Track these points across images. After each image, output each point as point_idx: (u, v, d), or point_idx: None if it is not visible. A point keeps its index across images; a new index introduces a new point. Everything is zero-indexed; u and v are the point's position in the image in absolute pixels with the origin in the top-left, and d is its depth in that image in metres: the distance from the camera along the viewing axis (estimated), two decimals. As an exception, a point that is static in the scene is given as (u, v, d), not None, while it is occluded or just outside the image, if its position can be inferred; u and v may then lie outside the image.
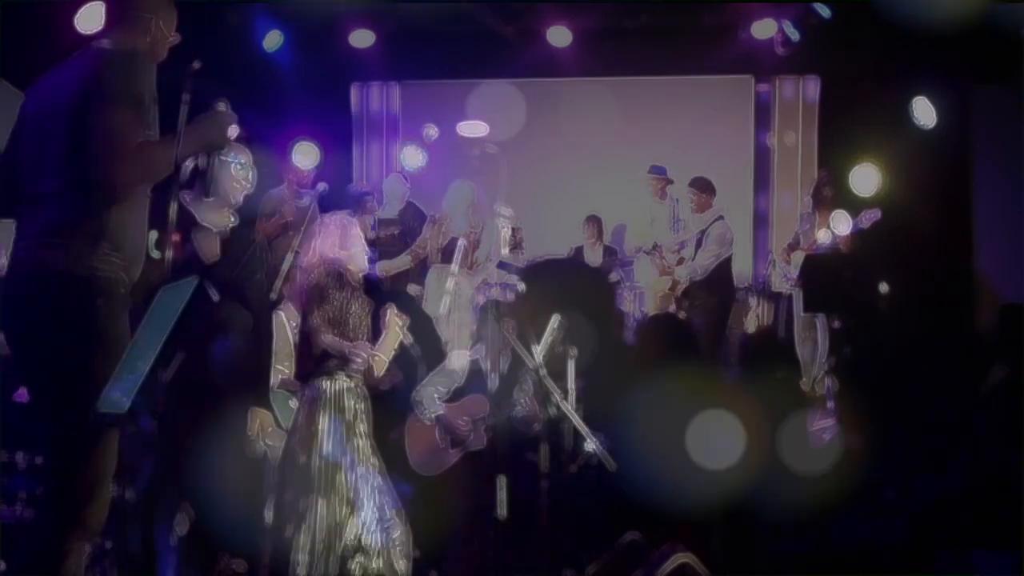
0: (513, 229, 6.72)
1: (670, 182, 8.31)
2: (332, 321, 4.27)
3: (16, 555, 3.29)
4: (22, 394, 4.67)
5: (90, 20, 4.81)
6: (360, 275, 4.48)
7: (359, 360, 4.29)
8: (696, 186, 7.76)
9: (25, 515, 4.69)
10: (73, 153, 3.05)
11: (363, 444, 4.28)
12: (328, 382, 4.25)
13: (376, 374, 4.37)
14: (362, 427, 4.30)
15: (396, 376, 4.75)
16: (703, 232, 7.66)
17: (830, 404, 6.40)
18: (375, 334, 4.47)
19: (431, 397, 5.39)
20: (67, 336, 3.01)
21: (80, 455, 3.04)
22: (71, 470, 3.04)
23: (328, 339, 4.23)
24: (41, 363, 3.07)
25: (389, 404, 4.77)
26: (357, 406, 4.29)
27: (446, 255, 6.41)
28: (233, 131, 3.23)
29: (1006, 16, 6.64)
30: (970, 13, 6.41)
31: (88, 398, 2.88)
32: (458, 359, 5.59)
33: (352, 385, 4.29)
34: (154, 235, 3.25)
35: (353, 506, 4.14)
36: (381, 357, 4.35)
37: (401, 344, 4.55)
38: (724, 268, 7.65)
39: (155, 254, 3.25)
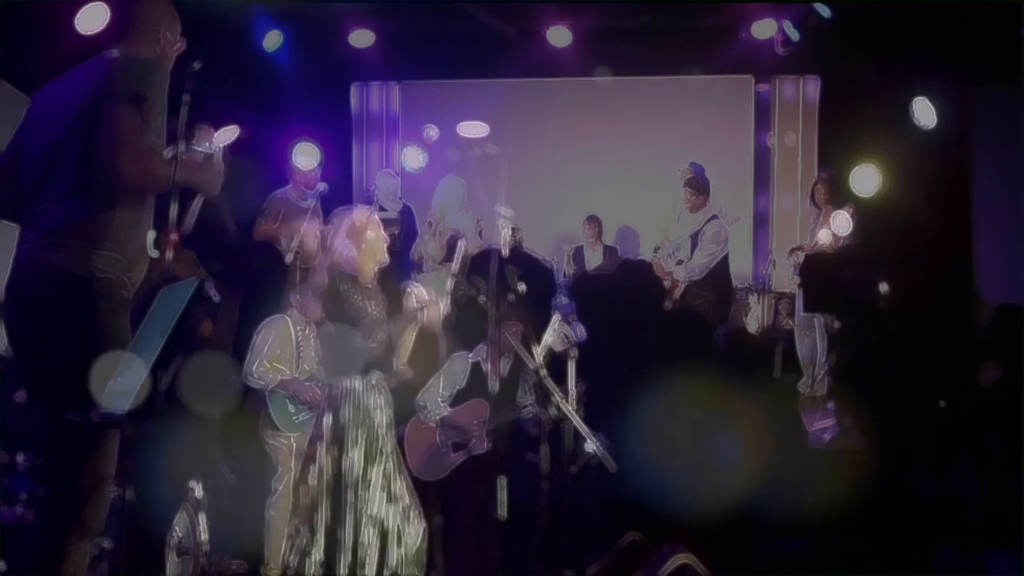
0: (513, 229, 6.71)
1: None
2: (350, 323, 4.20)
3: (16, 555, 3.29)
4: (22, 394, 4.67)
5: (91, 21, 4.82)
6: (374, 272, 4.32)
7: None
8: (693, 186, 7.74)
9: (25, 515, 4.69)
10: (81, 157, 3.07)
11: (384, 436, 4.23)
12: (350, 381, 4.20)
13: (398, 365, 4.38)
14: (385, 420, 4.24)
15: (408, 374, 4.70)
16: (698, 232, 7.65)
17: (830, 404, 6.40)
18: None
19: (435, 401, 5.40)
20: (68, 337, 3.02)
21: (80, 455, 3.04)
22: (71, 470, 3.04)
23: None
24: (42, 364, 3.07)
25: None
26: (379, 400, 4.24)
27: (448, 256, 6.39)
28: (232, 132, 3.22)
29: (1006, 16, 6.64)
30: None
31: (88, 399, 2.88)
32: (459, 361, 5.60)
33: (374, 382, 4.24)
34: (152, 234, 3.26)
35: (391, 497, 4.13)
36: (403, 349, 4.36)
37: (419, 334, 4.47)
38: (722, 267, 7.64)
39: (154, 253, 3.25)
